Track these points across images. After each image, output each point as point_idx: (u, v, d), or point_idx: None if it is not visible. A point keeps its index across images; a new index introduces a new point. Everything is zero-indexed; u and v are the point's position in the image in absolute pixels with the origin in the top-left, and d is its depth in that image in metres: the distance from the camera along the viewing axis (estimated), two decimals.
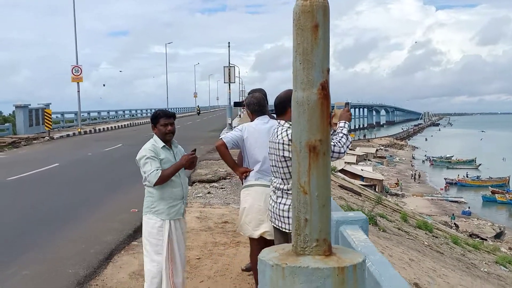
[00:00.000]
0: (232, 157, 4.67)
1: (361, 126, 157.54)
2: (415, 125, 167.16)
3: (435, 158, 70.26)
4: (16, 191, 10.88)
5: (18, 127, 26.02)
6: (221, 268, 5.68)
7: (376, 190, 37.46)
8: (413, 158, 75.43)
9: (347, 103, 3.86)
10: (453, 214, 35.28)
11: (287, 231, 3.65)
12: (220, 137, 4.56)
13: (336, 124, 3.87)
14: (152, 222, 4.12)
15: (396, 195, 42.57)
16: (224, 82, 30.82)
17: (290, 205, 3.61)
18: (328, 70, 1.72)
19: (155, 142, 4.20)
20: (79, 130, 29.24)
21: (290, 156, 3.55)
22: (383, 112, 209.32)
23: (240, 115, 56.26)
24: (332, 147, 3.48)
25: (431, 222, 19.60)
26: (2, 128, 26.11)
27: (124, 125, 38.57)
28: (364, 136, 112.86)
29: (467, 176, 55.87)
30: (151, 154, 4.08)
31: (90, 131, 30.53)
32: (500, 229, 30.80)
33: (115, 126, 36.17)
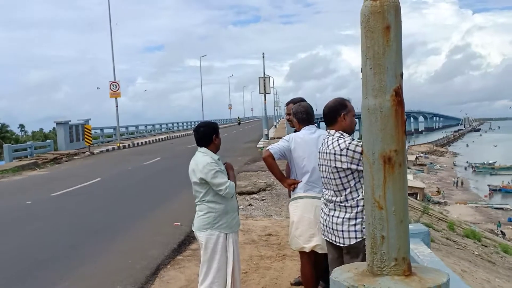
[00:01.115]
0: (279, 168, 4.56)
1: None
2: (455, 131, 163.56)
3: (477, 165, 68.44)
4: (61, 206, 11.02)
5: (59, 143, 26.60)
6: (269, 283, 5.54)
7: (417, 198, 36.67)
8: (455, 165, 73.68)
9: None
10: (499, 222, 34.21)
11: (341, 245, 3.51)
12: (267, 148, 4.41)
13: None
14: (215, 238, 4.05)
15: (439, 203, 41.56)
16: (260, 93, 30.79)
17: (344, 218, 3.47)
18: (401, 75, 1.59)
19: (211, 154, 4.13)
20: (118, 144, 29.68)
21: (343, 167, 3.41)
22: (421, 118, 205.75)
23: (275, 126, 56.22)
24: None
25: (478, 231, 18.96)
26: (44, 145, 26.76)
27: (161, 138, 38.96)
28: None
29: None
30: (218, 167, 4.03)
31: (129, 145, 30.94)
32: None
33: (152, 140, 36.57)
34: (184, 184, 13.21)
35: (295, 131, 5.27)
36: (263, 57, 32.04)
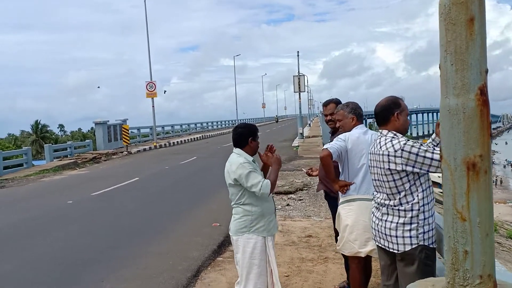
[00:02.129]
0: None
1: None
2: (493, 128, 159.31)
3: None
4: (101, 206, 11.13)
5: (98, 143, 27.05)
6: (312, 287, 5.40)
7: None
8: (493, 163, 71.79)
9: None
10: None
11: (395, 251, 3.33)
12: (325, 147, 4.18)
13: None
14: (253, 241, 3.92)
15: None
16: (294, 92, 30.55)
17: (398, 222, 3.29)
18: (486, 71, 1.43)
19: (245, 155, 4.02)
20: (154, 144, 29.97)
21: (397, 168, 3.23)
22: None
23: (309, 124, 55.85)
24: None
25: None
26: (83, 145, 27.27)
27: (196, 138, 39.22)
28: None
29: None
30: (251, 167, 3.89)
31: (165, 144, 31.22)
32: None
33: (188, 139, 36.83)
34: (222, 184, 13.19)
35: (335, 132, 5.10)
36: (298, 55, 31.83)
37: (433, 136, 3.66)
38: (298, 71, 30.77)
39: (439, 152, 3.15)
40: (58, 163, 20.67)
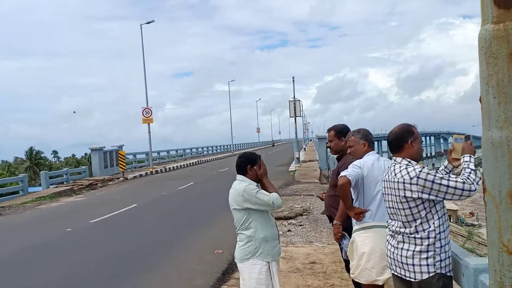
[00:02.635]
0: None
1: (429, 154, 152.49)
2: None
3: None
4: (100, 233, 11.02)
5: (94, 169, 26.95)
6: None
7: (451, 221, 35.73)
8: None
9: (467, 136, 3.52)
10: None
11: (412, 280, 3.30)
12: (343, 175, 4.14)
13: (455, 159, 3.53)
14: (258, 267, 3.95)
15: (473, 225, 40.39)
16: (290, 116, 30.70)
17: (414, 250, 3.27)
18: None
19: (248, 181, 4.09)
20: (150, 170, 29.87)
21: (413, 196, 3.23)
22: (450, 139, 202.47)
23: (304, 148, 55.93)
24: (461, 184, 3.14)
25: None
26: (79, 171, 27.14)
27: (192, 163, 39.12)
28: (433, 165, 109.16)
29: None
30: (257, 188, 4.01)
31: (161, 170, 31.12)
32: None
33: (183, 165, 36.74)
34: (221, 210, 13.26)
35: (340, 157, 5.10)
36: (293, 80, 32.08)
37: (445, 163, 3.66)
38: (294, 96, 30.98)
39: (454, 179, 3.17)
40: (54, 190, 20.54)
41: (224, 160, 44.15)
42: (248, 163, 4.15)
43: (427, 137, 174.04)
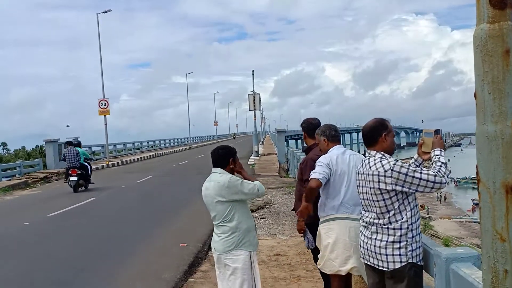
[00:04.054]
0: None
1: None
2: None
3: (459, 179, 68.87)
4: (61, 227, 10.76)
5: (48, 162, 26.20)
6: None
7: None
8: None
9: (437, 130, 3.65)
10: None
11: (385, 269, 3.41)
12: (314, 176, 4.20)
13: (425, 153, 3.66)
14: (242, 257, 4.02)
15: (423, 218, 41.64)
16: (249, 110, 30.74)
17: (387, 241, 3.38)
18: None
19: (228, 174, 4.10)
20: (107, 162, 29.31)
21: (387, 188, 3.33)
22: (403, 134, 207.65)
23: (262, 142, 56.16)
24: (433, 177, 3.26)
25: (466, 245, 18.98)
26: (33, 164, 26.31)
27: (149, 156, 38.61)
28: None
29: None
30: (239, 179, 4.04)
31: (118, 163, 30.60)
32: None
33: (140, 158, 36.22)
34: (182, 203, 13.24)
35: (308, 148, 5.20)
36: (253, 74, 32.09)
37: (415, 156, 3.79)
38: (253, 90, 31.04)
39: (426, 172, 3.29)
40: (7, 183, 19.86)
41: (181, 153, 43.85)
42: (231, 155, 4.17)
43: None
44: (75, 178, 16.29)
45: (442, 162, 3.39)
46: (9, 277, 6.96)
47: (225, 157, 4.14)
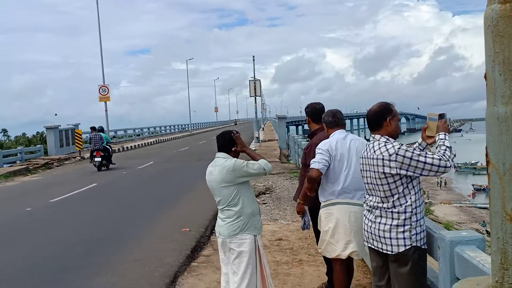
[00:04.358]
0: None
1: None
2: None
3: (459, 165, 68.89)
4: (63, 212, 10.81)
5: (49, 148, 26.19)
6: None
7: None
8: None
9: (441, 114, 3.64)
10: (483, 221, 34.54)
11: (389, 252, 3.43)
12: (314, 166, 4.25)
13: (429, 137, 3.66)
14: (248, 240, 4.02)
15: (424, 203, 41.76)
16: (250, 96, 30.66)
17: (391, 224, 3.39)
18: None
19: (232, 159, 4.10)
20: None
21: (391, 172, 3.33)
22: (403, 119, 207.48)
23: (263, 128, 56.14)
24: (437, 161, 3.26)
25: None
26: (34, 150, 26.30)
27: (150, 142, 38.64)
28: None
29: None
30: (243, 161, 4.04)
31: (119, 149, 30.58)
32: None
33: (141, 144, 36.24)
34: (184, 188, 13.28)
35: (312, 133, 5.19)
36: (253, 60, 31.98)
37: (419, 140, 3.79)
38: (254, 76, 30.94)
39: (431, 156, 3.29)
40: (9, 169, 19.89)
41: (182, 139, 43.83)
42: (231, 142, 4.17)
43: None
44: (99, 159, 18.87)
45: (447, 146, 3.39)
46: (11, 263, 6.98)
47: (230, 141, 4.15)
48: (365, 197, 3.71)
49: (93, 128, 19.98)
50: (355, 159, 4.31)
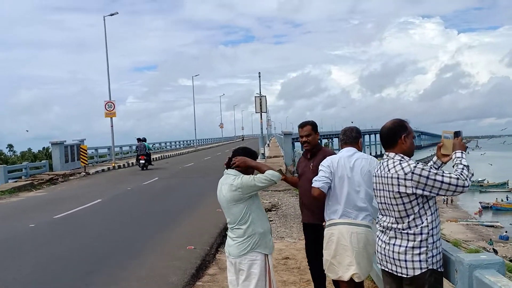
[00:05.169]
0: None
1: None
2: None
3: None
4: (66, 229, 10.69)
5: (54, 163, 26.16)
6: None
7: None
8: None
9: (457, 132, 3.52)
10: (490, 239, 34.20)
11: (404, 275, 3.29)
12: (315, 185, 4.26)
13: (444, 155, 3.54)
14: (259, 261, 3.91)
15: None
16: (256, 112, 30.65)
17: (407, 246, 3.25)
18: None
19: (240, 175, 4.00)
20: (113, 164, 29.27)
21: (407, 192, 3.21)
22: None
23: (268, 144, 56.06)
24: (455, 180, 3.13)
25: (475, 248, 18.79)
26: (39, 165, 26.29)
27: (155, 158, 38.50)
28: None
29: (507, 199, 54.32)
30: (250, 176, 3.97)
31: (124, 165, 30.53)
32: None
33: None
34: (188, 205, 13.16)
35: (315, 152, 5.08)
36: (259, 76, 32.04)
37: (434, 159, 3.68)
38: (260, 92, 30.97)
39: (448, 175, 3.16)
40: (13, 185, 19.82)
41: (187, 155, 43.81)
42: (250, 157, 4.12)
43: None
44: (143, 161, 26.77)
45: (464, 165, 3.26)
46: (15, 279, 6.88)
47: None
48: (378, 217, 3.59)
49: (138, 139, 27.72)
50: (357, 178, 4.26)
